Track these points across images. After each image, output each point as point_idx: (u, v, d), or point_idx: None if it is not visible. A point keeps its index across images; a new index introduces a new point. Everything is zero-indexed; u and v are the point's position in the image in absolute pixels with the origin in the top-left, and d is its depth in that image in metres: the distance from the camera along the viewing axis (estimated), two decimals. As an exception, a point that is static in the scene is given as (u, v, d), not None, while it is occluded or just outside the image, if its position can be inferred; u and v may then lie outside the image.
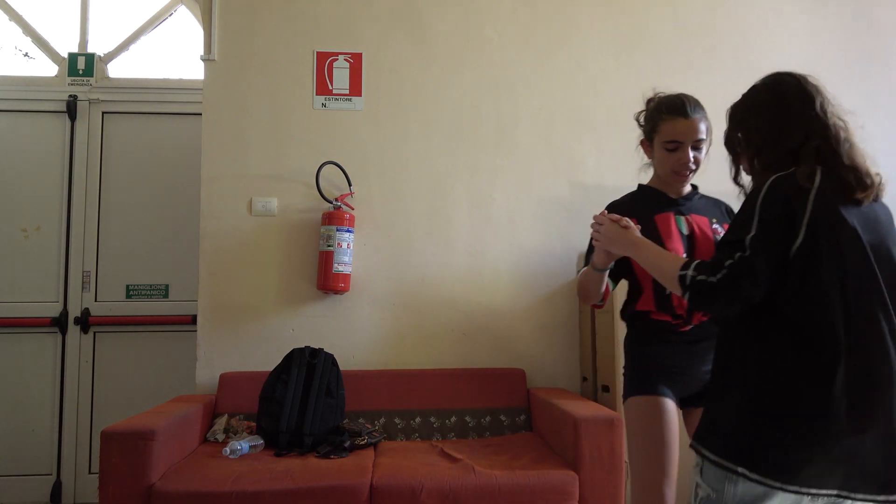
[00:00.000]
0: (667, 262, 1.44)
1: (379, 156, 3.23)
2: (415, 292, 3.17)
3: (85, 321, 3.43)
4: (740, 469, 1.19)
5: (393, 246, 3.19)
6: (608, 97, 3.33)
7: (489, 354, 3.16)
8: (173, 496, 2.16)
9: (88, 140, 3.52)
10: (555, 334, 3.20)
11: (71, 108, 3.50)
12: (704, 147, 1.82)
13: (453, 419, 2.94)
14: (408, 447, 2.72)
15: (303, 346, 2.88)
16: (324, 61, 3.24)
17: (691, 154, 1.78)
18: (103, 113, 3.56)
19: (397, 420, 2.93)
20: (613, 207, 1.90)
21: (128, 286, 3.50)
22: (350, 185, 3.15)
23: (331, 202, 3.08)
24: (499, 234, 3.24)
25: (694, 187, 1.92)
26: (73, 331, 3.43)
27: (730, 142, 1.47)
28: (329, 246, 3.01)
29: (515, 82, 3.32)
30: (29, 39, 3.65)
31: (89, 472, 3.36)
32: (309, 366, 2.82)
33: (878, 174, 1.32)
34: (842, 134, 1.33)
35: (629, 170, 3.30)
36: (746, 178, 1.47)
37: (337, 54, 3.25)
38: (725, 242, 1.28)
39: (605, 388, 2.83)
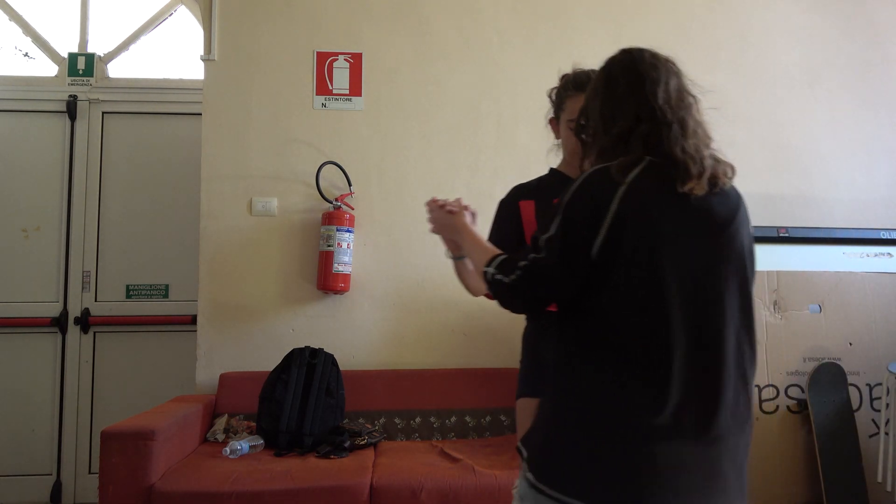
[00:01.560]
0: (479, 253, 1.35)
1: (379, 156, 3.23)
2: (415, 292, 3.17)
3: (85, 321, 3.43)
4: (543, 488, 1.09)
5: (393, 246, 3.19)
6: (608, 97, 3.32)
7: (489, 354, 3.15)
8: (173, 496, 2.16)
9: (88, 140, 3.52)
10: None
11: (71, 108, 3.50)
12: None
13: (453, 419, 2.94)
14: (408, 447, 2.72)
15: (303, 346, 2.88)
16: (324, 61, 3.24)
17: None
18: (103, 113, 3.55)
19: (397, 420, 2.93)
20: (517, 189, 1.86)
21: (128, 286, 3.50)
22: (350, 185, 3.15)
23: (331, 202, 3.08)
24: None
25: None
26: (73, 331, 3.43)
27: (577, 128, 1.34)
28: (329, 246, 3.01)
29: (515, 82, 3.31)
30: (29, 39, 3.64)
31: (89, 472, 3.36)
32: (309, 366, 2.82)
33: (707, 159, 1.16)
34: (670, 116, 1.18)
35: (629, 170, 3.32)
36: None
37: (337, 54, 3.25)
38: (532, 238, 1.21)
39: (605, 388, 2.83)
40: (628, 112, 1.20)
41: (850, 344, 2.92)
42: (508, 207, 1.84)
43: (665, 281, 1.09)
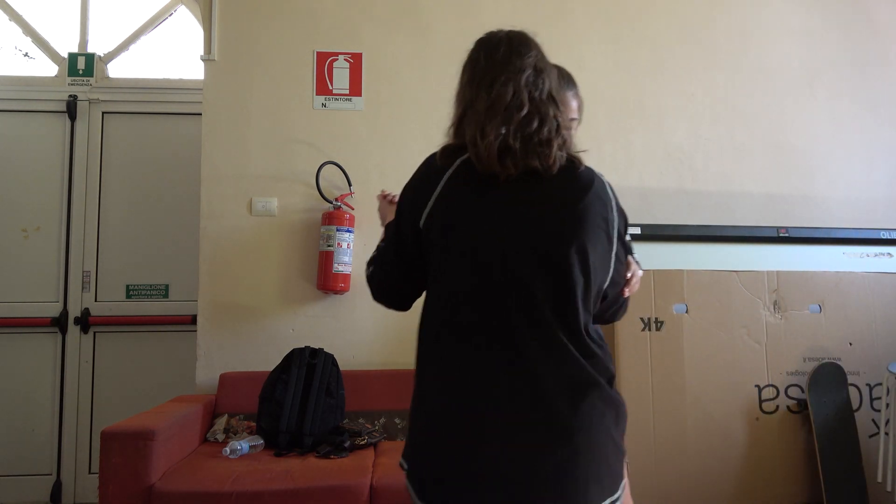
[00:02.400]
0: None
1: (379, 156, 3.23)
2: (415, 292, 3.17)
3: (85, 321, 3.43)
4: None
5: (393, 246, 3.19)
6: (608, 97, 3.32)
7: (489, 354, 3.15)
8: (173, 496, 2.16)
9: (88, 140, 3.52)
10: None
11: (71, 108, 3.50)
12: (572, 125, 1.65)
13: (453, 419, 2.94)
14: (408, 447, 2.72)
15: (303, 346, 2.88)
16: (324, 61, 3.24)
17: None
18: (103, 113, 3.56)
19: (397, 420, 2.92)
20: None
21: (128, 286, 3.50)
22: (350, 185, 3.15)
23: (331, 202, 3.08)
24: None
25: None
26: (73, 331, 3.43)
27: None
28: (329, 246, 3.01)
29: (515, 82, 3.31)
30: (29, 39, 3.65)
31: (89, 472, 3.36)
32: (309, 366, 2.82)
33: (502, 142, 1.12)
34: (478, 104, 1.18)
35: (629, 170, 3.32)
36: None
37: (337, 54, 3.25)
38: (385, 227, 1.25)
39: (605, 388, 2.83)
40: (464, 97, 1.25)
41: (850, 344, 2.92)
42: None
43: (453, 261, 1.13)
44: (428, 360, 1.21)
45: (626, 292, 1.26)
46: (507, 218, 1.12)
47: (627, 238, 1.25)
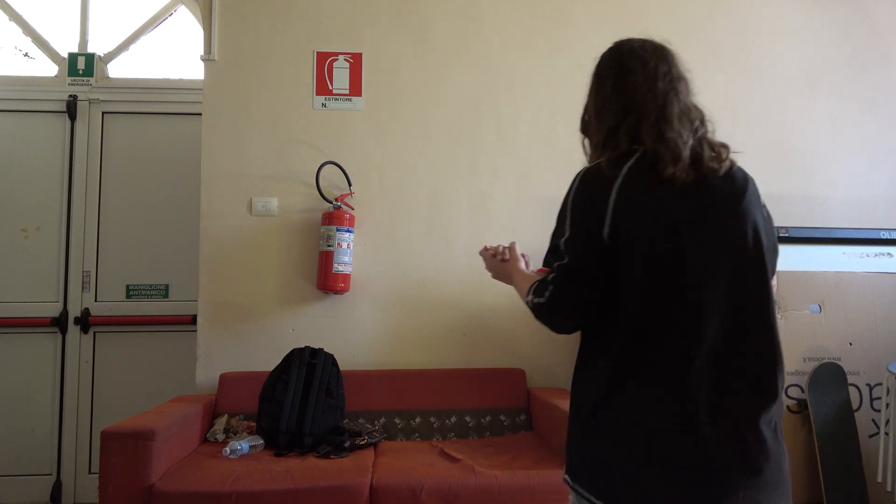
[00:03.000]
0: (523, 287, 1.31)
1: (379, 156, 3.23)
2: (415, 292, 3.17)
3: (85, 321, 3.43)
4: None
5: (393, 246, 3.19)
6: (608, 97, 3.32)
7: (489, 354, 3.16)
8: (173, 496, 2.16)
9: (88, 140, 3.52)
10: (555, 334, 3.19)
11: (71, 108, 3.50)
12: None
13: (453, 419, 2.94)
14: (408, 447, 2.72)
15: (303, 346, 2.88)
16: (324, 61, 3.24)
17: None
18: (103, 113, 3.56)
19: (397, 420, 2.93)
20: None
21: (128, 286, 3.50)
22: (350, 185, 3.15)
23: (331, 202, 3.08)
24: (499, 234, 3.24)
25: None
26: (73, 331, 3.43)
27: (581, 124, 1.37)
28: (329, 246, 3.01)
29: (515, 82, 3.32)
30: (29, 39, 3.64)
31: (89, 472, 3.36)
32: (309, 366, 2.82)
33: (687, 145, 1.15)
34: (651, 106, 1.18)
35: (629, 170, 3.32)
36: None
37: (337, 54, 3.25)
38: (549, 251, 1.22)
39: (605, 388, 2.83)
40: (616, 106, 1.22)
41: (850, 344, 2.92)
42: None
43: (647, 270, 1.10)
44: (625, 373, 1.14)
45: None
46: (698, 220, 1.13)
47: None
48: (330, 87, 3.23)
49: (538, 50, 3.34)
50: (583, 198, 1.17)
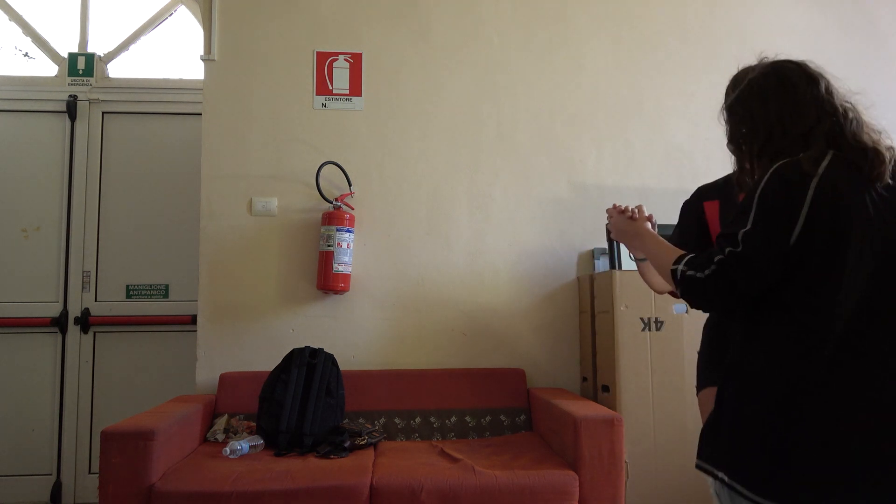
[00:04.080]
0: (664, 254, 1.35)
1: (379, 156, 3.23)
2: (415, 292, 3.17)
3: (85, 321, 3.43)
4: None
5: (393, 246, 3.19)
6: (608, 97, 3.33)
7: (489, 354, 3.16)
8: (173, 496, 2.16)
9: (88, 140, 3.52)
10: (555, 334, 3.20)
11: (71, 108, 3.50)
12: None
13: (453, 419, 2.94)
14: (408, 447, 2.72)
15: (303, 346, 2.88)
16: (324, 61, 3.24)
17: None
18: (103, 113, 3.56)
19: (397, 420, 2.93)
20: (701, 190, 1.88)
21: (128, 286, 3.50)
22: (350, 185, 3.15)
23: (331, 202, 3.08)
24: (499, 234, 3.24)
25: None
26: (73, 331, 3.43)
27: (734, 138, 1.38)
28: (329, 246, 3.01)
29: (515, 82, 3.32)
30: (29, 39, 3.65)
31: (89, 472, 3.36)
32: (309, 366, 2.82)
33: (890, 148, 1.23)
34: (850, 113, 1.28)
35: (629, 170, 3.32)
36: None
37: (337, 54, 3.25)
38: (721, 236, 1.21)
39: (605, 388, 2.83)
40: (810, 111, 1.27)
41: None
42: (692, 208, 1.87)
43: (851, 275, 1.12)
44: (821, 381, 1.13)
45: None
46: (889, 220, 1.17)
47: None
48: (330, 87, 3.23)
49: (538, 50, 3.34)
50: (776, 192, 1.17)
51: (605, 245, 3.12)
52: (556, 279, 3.22)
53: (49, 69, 3.62)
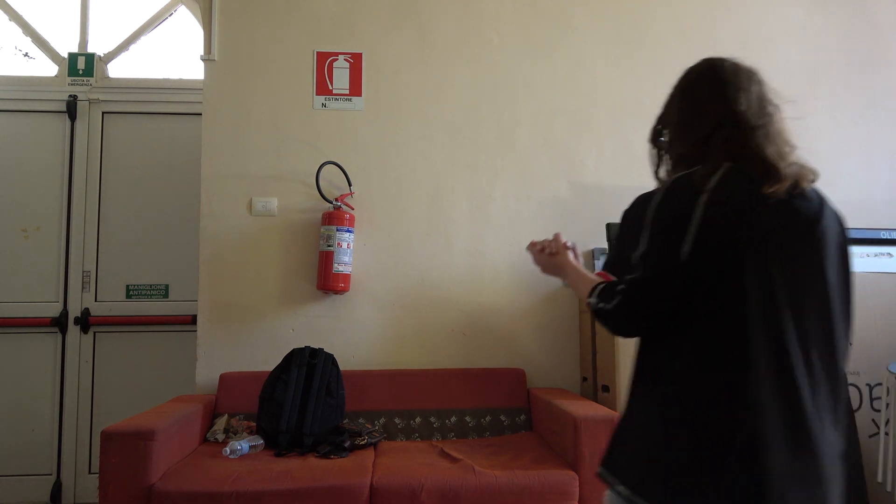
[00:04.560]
0: (583, 287, 1.31)
1: (379, 156, 3.23)
2: (415, 292, 3.17)
3: (85, 321, 3.43)
4: None
5: (393, 246, 3.19)
6: (608, 97, 3.33)
7: (489, 354, 3.16)
8: (173, 496, 2.16)
9: (88, 140, 3.52)
10: (555, 334, 3.20)
11: (71, 108, 3.50)
12: None
13: (453, 419, 2.94)
14: (408, 447, 2.72)
15: (303, 346, 2.88)
16: (324, 61, 3.24)
17: None
18: (103, 113, 3.56)
19: (397, 420, 2.93)
20: (643, 199, 1.89)
21: (128, 286, 3.50)
22: (350, 185, 3.15)
23: (331, 202, 3.08)
24: (499, 234, 3.24)
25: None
26: (73, 331, 3.43)
27: (652, 134, 1.35)
28: (329, 246, 3.01)
29: (515, 82, 3.32)
30: (29, 39, 3.65)
31: (89, 472, 3.36)
32: (309, 366, 2.82)
33: (792, 164, 1.15)
34: (755, 121, 1.18)
35: (629, 170, 3.32)
36: None
37: (337, 54, 3.25)
38: (621, 260, 1.21)
39: (605, 388, 2.83)
40: (709, 118, 1.21)
41: (850, 344, 2.91)
42: (634, 219, 1.87)
43: (747, 284, 1.09)
44: (708, 391, 1.11)
45: None
46: (783, 233, 1.12)
47: None
48: (330, 87, 3.23)
49: (538, 50, 3.34)
50: (668, 210, 1.14)
51: (605, 245, 3.12)
52: (555, 279, 3.21)
53: (49, 69, 3.62)
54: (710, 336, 1.10)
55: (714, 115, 1.20)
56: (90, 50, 3.62)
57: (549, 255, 1.55)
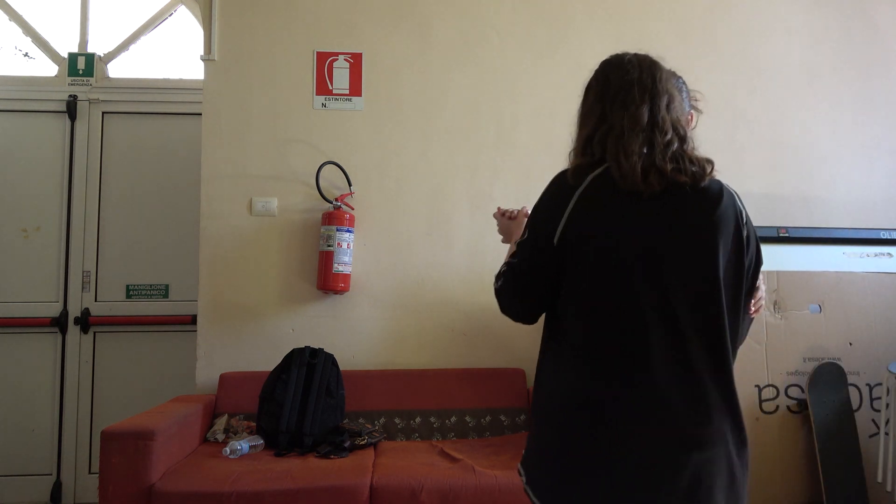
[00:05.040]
0: (508, 255, 1.38)
1: (379, 156, 3.23)
2: (415, 292, 3.17)
3: (85, 321, 3.43)
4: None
5: (393, 246, 3.19)
6: (608, 97, 3.32)
7: (489, 354, 3.16)
8: (173, 496, 2.16)
9: (88, 140, 3.52)
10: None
11: (71, 108, 3.50)
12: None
13: (453, 419, 2.94)
14: (408, 447, 2.72)
15: (303, 346, 2.88)
16: (324, 61, 3.24)
17: None
18: (103, 113, 3.56)
19: (397, 420, 2.93)
20: None
21: (128, 286, 3.50)
22: (350, 185, 3.15)
23: (331, 202, 3.08)
24: (499, 234, 3.23)
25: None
26: (73, 331, 3.43)
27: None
28: (329, 246, 3.01)
29: (515, 82, 3.31)
30: (29, 39, 3.64)
31: (89, 472, 3.36)
32: (309, 366, 2.82)
33: (656, 167, 1.16)
34: (617, 118, 1.20)
35: (629, 170, 3.32)
36: None
37: (337, 54, 3.25)
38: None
39: (605, 388, 2.84)
40: (594, 116, 1.25)
41: (850, 344, 2.92)
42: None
43: (603, 275, 1.15)
44: (560, 371, 1.23)
45: (752, 310, 1.26)
46: (648, 231, 1.15)
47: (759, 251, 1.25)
48: (330, 87, 3.23)
49: (538, 50, 3.34)
50: (544, 204, 1.23)
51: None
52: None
53: (49, 69, 3.62)
54: (567, 322, 1.18)
55: (596, 114, 1.25)
56: (90, 50, 3.61)
57: (508, 218, 1.62)
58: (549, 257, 1.18)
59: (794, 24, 3.48)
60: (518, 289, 1.24)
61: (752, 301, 1.25)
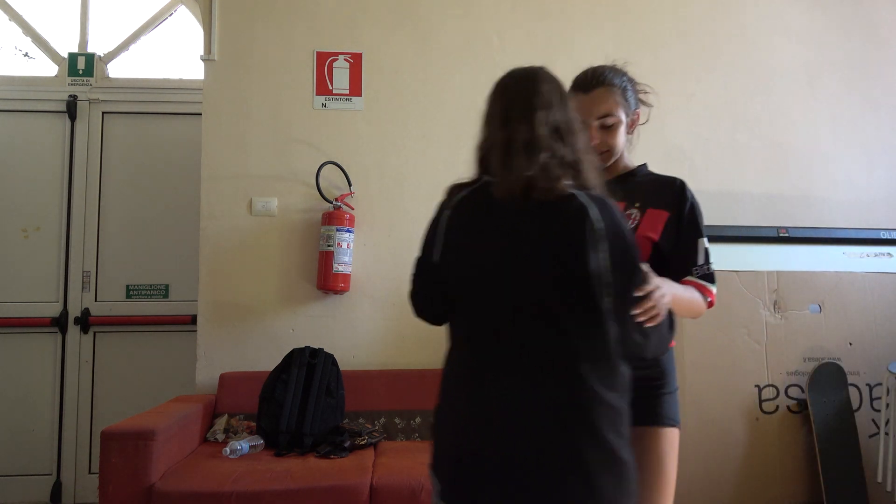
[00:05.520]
0: None
1: (379, 156, 3.23)
2: (415, 292, 3.17)
3: (85, 321, 3.43)
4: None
5: (393, 246, 3.19)
6: (608, 97, 3.32)
7: (489, 354, 3.15)
8: (173, 496, 2.16)
9: (88, 140, 3.52)
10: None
11: (71, 108, 3.50)
12: (619, 125, 1.63)
13: (453, 419, 2.94)
14: (408, 447, 2.72)
15: (303, 346, 2.88)
16: (324, 61, 3.24)
17: (597, 133, 1.59)
18: (103, 113, 3.55)
19: (397, 420, 2.93)
20: None
21: (128, 286, 3.50)
22: (350, 185, 3.15)
23: (331, 202, 3.08)
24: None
25: (639, 167, 1.70)
26: (73, 331, 3.43)
27: None
28: (329, 246, 3.01)
29: (515, 82, 3.31)
30: (29, 39, 3.64)
31: (89, 472, 3.36)
32: (309, 366, 2.82)
33: (521, 177, 1.17)
34: (495, 138, 1.25)
35: (629, 170, 3.32)
36: None
37: (337, 54, 3.25)
38: None
39: (605, 388, 2.83)
40: (483, 134, 1.32)
41: (850, 344, 2.92)
42: None
43: (455, 283, 1.26)
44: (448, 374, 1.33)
45: (645, 315, 1.19)
46: (501, 248, 1.21)
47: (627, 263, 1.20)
48: (330, 87, 3.23)
49: (538, 50, 3.34)
50: (433, 219, 1.33)
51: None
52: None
53: (49, 69, 3.62)
54: (454, 341, 1.30)
55: (485, 131, 1.31)
56: (90, 50, 3.61)
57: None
58: (434, 268, 1.29)
59: (795, 25, 3.48)
60: (416, 298, 1.42)
61: (638, 307, 1.17)
